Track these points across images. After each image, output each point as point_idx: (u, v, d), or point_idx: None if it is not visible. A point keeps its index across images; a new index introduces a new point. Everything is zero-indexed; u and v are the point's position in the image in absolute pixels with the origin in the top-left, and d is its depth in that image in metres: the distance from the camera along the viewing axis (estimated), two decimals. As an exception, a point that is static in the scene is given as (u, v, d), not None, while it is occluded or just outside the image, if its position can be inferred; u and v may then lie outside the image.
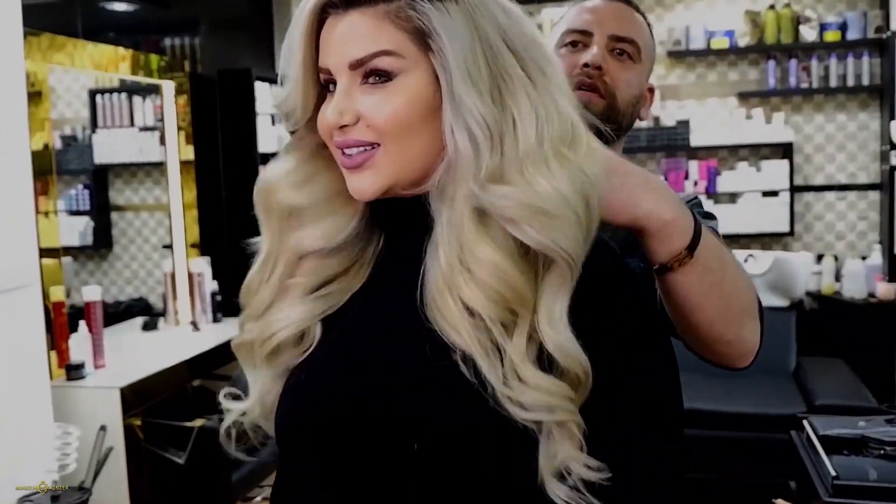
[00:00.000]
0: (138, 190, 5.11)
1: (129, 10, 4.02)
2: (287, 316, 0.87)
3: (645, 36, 1.31)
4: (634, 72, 1.28)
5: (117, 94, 4.78)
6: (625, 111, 1.28)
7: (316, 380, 0.86)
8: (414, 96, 0.79)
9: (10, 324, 2.47)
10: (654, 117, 4.87)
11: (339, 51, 0.80)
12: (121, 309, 4.72)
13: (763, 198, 4.74)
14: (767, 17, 4.68)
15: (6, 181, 2.47)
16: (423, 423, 0.78)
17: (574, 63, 1.26)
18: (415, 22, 0.78)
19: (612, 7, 1.30)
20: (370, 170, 0.80)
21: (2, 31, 2.46)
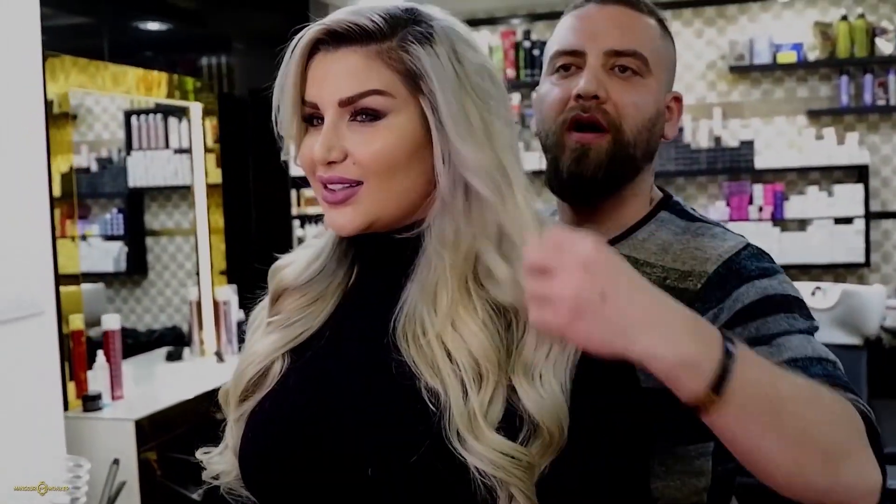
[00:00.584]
0: (173, 214, 5.28)
1: (161, 30, 4.20)
2: (254, 352, 0.94)
3: (654, 42, 1.15)
4: (644, 89, 1.13)
5: (152, 116, 4.96)
6: (637, 140, 1.13)
7: (279, 411, 0.91)
8: (402, 136, 0.84)
9: (23, 353, 2.58)
10: (716, 137, 4.86)
11: (330, 87, 0.85)
12: (153, 338, 4.85)
13: (835, 225, 4.68)
14: (839, 28, 4.64)
15: (22, 206, 2.61)
16: (379, 452, 0.83)
17: (566, 94, 1.13)
18: (407, 64, 0.84)
19: (607, 13, 1.15)
20: (352, 206, 0.85)
21: (22, 54, 2.61)
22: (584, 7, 1.17)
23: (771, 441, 0.78)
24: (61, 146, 3.05)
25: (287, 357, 0.94)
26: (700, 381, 0.73)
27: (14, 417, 2.55)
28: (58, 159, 3.03)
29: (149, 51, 4.17)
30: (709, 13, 4.92)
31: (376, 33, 0.84)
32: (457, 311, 0.84)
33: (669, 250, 1.12)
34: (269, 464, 0.90)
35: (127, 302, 5.26)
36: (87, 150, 4.99)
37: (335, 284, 0.95)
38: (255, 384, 0.94)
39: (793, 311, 1.03)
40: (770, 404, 0.77)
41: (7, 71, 2.54)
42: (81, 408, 2.96)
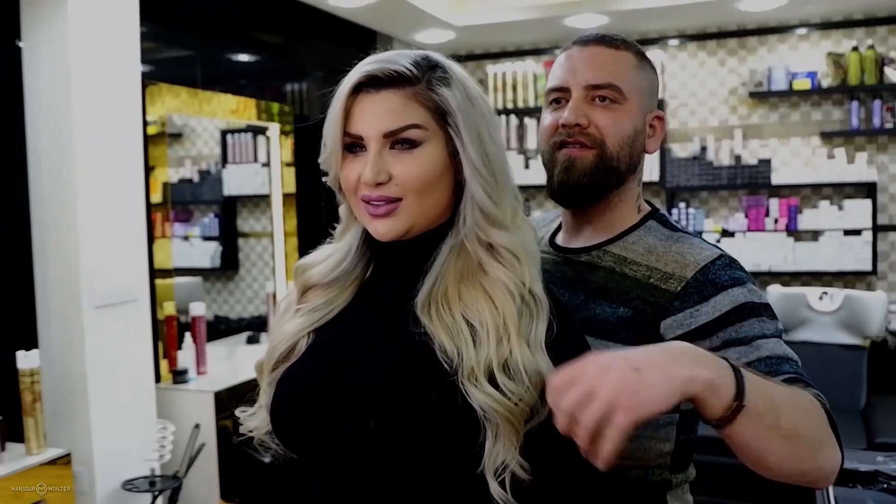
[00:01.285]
0: (260, 219, 5.46)
1: (248, 61, 4.38)
2: (285, 331, 1.04)
3: (628, 72, 1.20)
4: (621, 113, 1.18)
5: (244, 134, 5.15)
6: (619, 154, 1.19)
7: (302, 377, 1.01)
8: (434, 160, 0.94)
9: (122, 332, 2.77)
10: (736, 156, 4.83)
11: (375, 123, 0.93)
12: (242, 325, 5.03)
13: (845, 236, 4.60)
14: (850, 58, 4.57)
15: (124, 212, 2.79)
16: (386, 405, 0.92)
17: (556, 121, 1.20)
18: (436, 102, 0.94)
19: (586, 54, 1.20)
20: (393, 217, 0.94)
21: (125, 83, 2.79)
22: (570, 49, 1.23)
23: (773, 439, 0.86)
24: (159, 161, 3.21)
25: (310, 335, 1.02)
26: (727, 396, 0.81)
27: (115, 386, 2.73)
28: (156, 172, 3.19)
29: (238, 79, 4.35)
30: (731, 44, 4.89)
31: (410, 78, 0.93)
32: (468, 289, 0.94)
33: (654, 253, 1.16)
34: (294, 419, 0.98)
35: (221, 294, 5.43)
36: (190, 163, 5.19)
37: (353, 279, 1.04)
38: (284, 357, 1.02)
39: (762, 316, 1.08)
40: (772, 409, 0.85)
41: (112, 98, 2.73)
42: (171, 380, 3.11)
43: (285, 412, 0.99)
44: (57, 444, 2.46)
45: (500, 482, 0.88)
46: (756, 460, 0.88)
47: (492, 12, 4.45)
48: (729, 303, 1.07)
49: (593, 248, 1.22)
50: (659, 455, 1.16)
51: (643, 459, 1.15)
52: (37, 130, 2.64)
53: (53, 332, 2.65)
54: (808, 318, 4.10)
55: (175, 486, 2.76)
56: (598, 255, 1.20)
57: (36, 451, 2.33)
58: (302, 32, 4.25)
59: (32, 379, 2.34)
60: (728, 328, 1.06)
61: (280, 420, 1.00)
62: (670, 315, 1.10)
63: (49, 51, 2.59)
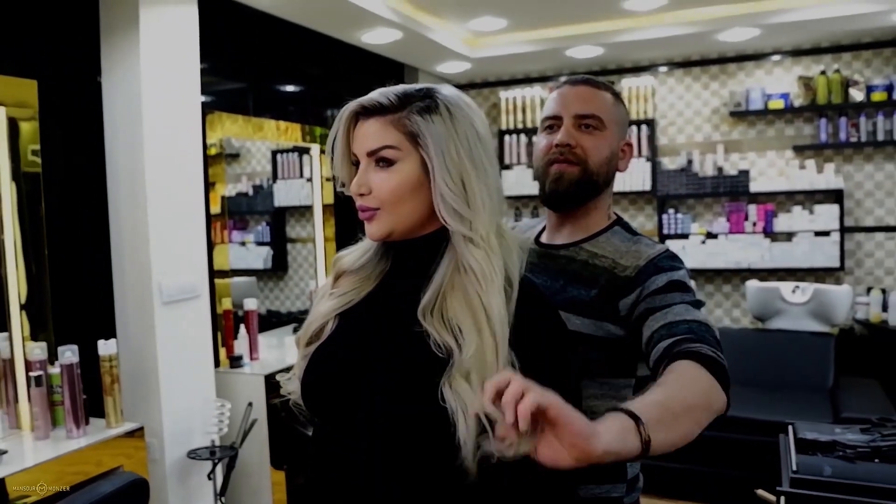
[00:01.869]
0: (305, 227, 5.52)
1: (293, 90, 4.44)
2: (318, 311, 1.08)
3: (607, 108, 1.31)
4: (601, 138, 1.30)
5: (291, 154, 5.22)
6: (598, 170, 1.30)
7: (328, 355, 1.05)
8: (406, 177, 0.98)
9: (187, 324, 2.83)
10: (718, 167, 4.81)
11: (362, 143, 1.00)
12: (291, 318, 5.09)
13: (816, 237, 4.55)
14: (819, 81, 4.53)
15: (188, 221, 2.85)
16: (393, 389, 0.95)
17: (550, 143, 1.31)
18: (409, 128, 0.98)
19: (575, 91, 1.32)
20: (374, 223, 1.00)
21: (188, 112, 2.85)
22: (562, 87, 1.35)
23: (676, 437, 0.91)
24: (219, 178, 3.26)
25: (338, 318, 1.06)
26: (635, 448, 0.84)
27: (181, 370, 2.79)
28: (216, 188, 3.24)
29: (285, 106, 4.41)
30: (713, 70, 4.87)
31: (390, 108, 0.99)
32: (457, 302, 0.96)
33: (618, 250, 1.28)
34: (318, 389, 1.03)
35: (273, 291, 5.50)
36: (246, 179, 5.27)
37: (378, 270, 1.07)
38: (317, 334, 1.06)
39: (686, 291, 1.19)
40: (671, 421, 0.90)
41: (176, 125, 2.78)
42: (229, 365, 3.16)
43: (312, 387, 1.04)
44: (132, 419, 2.51)
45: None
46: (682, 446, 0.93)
47: (502, 46, 4.48)
48: (663, 280, 1.19)
49: (572, 245, 1.33)
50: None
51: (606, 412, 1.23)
52: (114, 152, 2.70)
53: (129, 324, 2.71)
54: (782, 309, 4.08)
55: (232, 455, 2.80)
56: (575, 251, 1.31)
57: (114, 424, 2.38)
58: (340, 65, 4.30)
59: (111, 364, 2.40)
60: (657, 297, 1.17)
61: (308, 392, 1.04)
62: (625, 296, 1.21)
63: (124, 85, 2.65)
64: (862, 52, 4.52)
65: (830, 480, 1.88)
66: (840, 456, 1.98)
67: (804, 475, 1.91)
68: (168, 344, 2.71)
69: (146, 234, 2.64)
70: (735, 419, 3.33)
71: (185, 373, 2.80)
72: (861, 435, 2.11)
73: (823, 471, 1.91)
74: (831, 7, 3.82)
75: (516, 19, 4.02)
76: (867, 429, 2.18)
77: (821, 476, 1.90)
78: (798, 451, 2.06)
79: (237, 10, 3.23)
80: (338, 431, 1.00)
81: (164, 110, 2.71)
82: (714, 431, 1.00)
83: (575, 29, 4.23)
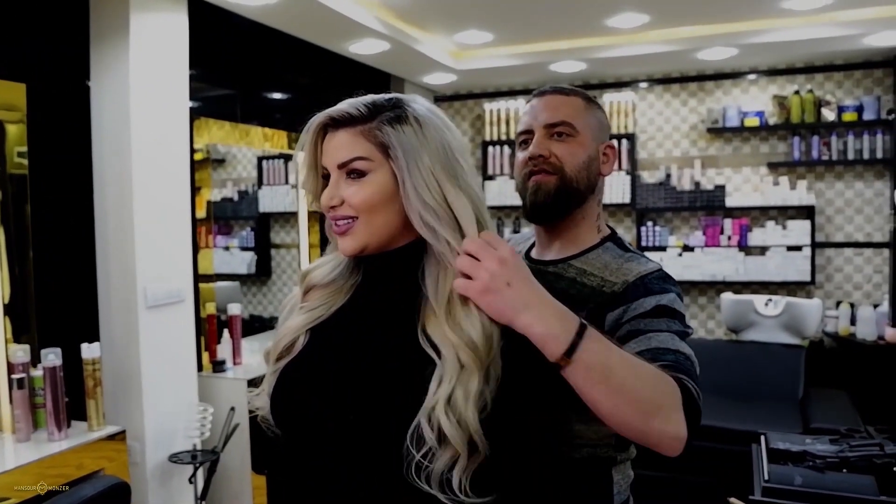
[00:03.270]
0: (290, 232, 5.49)
1: (280, 98, 4.43)
2: (288, 326, 1.04)
3: (578, 113, 1.27)
4: (575, 144, 1.25)
5: (276, 160, 5.19)
6: (576, 177, 1.25)
7: (298, 371, 1.00)
8: (378, 187, 0.93)
9: (171, 328, 2.80)
10: (696, 182, 4.86)
11: (332, 155, 0.95)
12: (274, 323, 5.03)
13: (788, 252, 4.62)
14: (793, 100, 4.60)
15: (174, 226, 2.82)
16: (361, 403, 0.92)
17: (525, 157, 1.27)
18: (379, 138, 0.93)
19: (544, 101, 1.28)
20: (350, 235, 0.95)
21: (176, 118, 2.83)
22: (532, 100, 1.31)
23: (600, 391, 0.89)
24: (204, 183, 3.24)
25: (307, 334, 1.01)
26: (559, 347, 0.87)
27: (164, 374, 2.75)
28: (201, 192, 3.21)
29: (272, 114, 4.39)
30: (692, 88, 4.94)
31: (359, 118, 0.94)
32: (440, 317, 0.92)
33: (608, 267, 1.21)
34: (289, 405, 0.98)
35: (256, 296, 5.45)
36: (231, 184, 5.23)
37: (349, 284, 1.03)
38: (287, 349, 1.01)
39: (674, 318, 1.12)
40: (603, 368, 0.89)
41: (164, 130, 2.76)
42: (211, 370, 3.13)
43: (282, 402, 0.99)
44: (114, 423, 2.47)
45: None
46: (592, 407, 0.91)
47: (488, 59, 4.50)
48: (652, 304, 1.13)
49: (560, 262, 1.26)
50: (605, 436, 1.19)
51: (592, 439, 1.18)
52: (101, 156, 2.67)
53: (113, 328, 2.67)
54: (755, 321, 4.13)
55: (213, 459, 2.77)
56: (563, 267, 1.25)
57: (96, 427, 2.35)
58: (327, 74, 4.29)
59: (94, 367, 2.37)
60: (642, 321, 1.11)
61: (277, 408, 0.99)
62: (611, 310, 1.15)
63: (113, 90, 2.63)
64: (833, 73, 4.60)
65: (801, 490, 1.91)
66: (810, 466, 2.01)
67: (776, 484, 1.94)
68: (151, 348, 2.68)
69: (132, 238, 2.62)
70: (708, 428, 3.36)
71: (168, 377, 2.77)
72: (830, 445, 2.14)
73: (794, 480, 1.94)
74: (807, 29, 3.89)
75: (502, 34, 4.05)
76: (836, 439, 2.22)
77: (791, 485, 1.93)
78: (770, 461, 2.09)
79: (227, 18, 3.22)
80: (308, 447, 0.96)
81: (153, 115, 2.69)
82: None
83: (559, 44, 4.27)
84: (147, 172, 2.66)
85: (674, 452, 0.94)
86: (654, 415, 0.91)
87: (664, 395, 0.93)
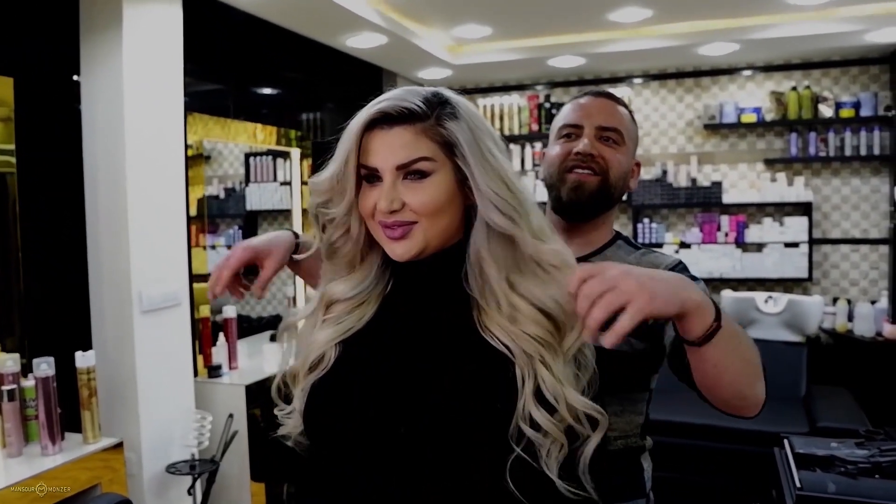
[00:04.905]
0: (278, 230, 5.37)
1: (273, 94, 4.31)
2: (316, 340, 0.97)
3: (627, 124, 1.31)
4: (621, 153, 1.29)
5: (264, 157, 5.07)
6: (616, 184, 1.29)
7: (334, 385, 0.93)
8: (442, 189, 0.89)
9: (166, 334, 2.69)
10: (692, 178, 4.83)
11: (388, 156, 0.88)
12: (262, 323, 4.95)
13: (785, 248, 4.60)
14: (790, 96, 4.58)
15: (169, 224, 2.71)
16: (411, 415, 0.86)
17: (568, 150, 1.28)
18: (444, 136, 0.88)
19: (598, 103, 1.32)
20: (409, 240, 0.90)
21: (170, 113, 2.72)
22: (583, 98, 1.34)
23: (735, 360, 0.90)
24: (196, 179, 3.14)
25: (338, 346, 0.95)
26: (709, 317, 0.84)
27: (160, 381, 2.66)
28: (194, 189, 3.11)
29: (265, 109, 4.27)
30: (688, 83, 4.89)
31: (420, 115, 0.89)
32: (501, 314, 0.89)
33: (628, 262, 1.23)
34: (325, 422, 0.92)
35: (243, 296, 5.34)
36: (217, 182, 5.11)
37: (376, 293, 0.98)
38: (315, 365, 0.95)
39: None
40: (736, 335, 0.90)
41: (158, 125, 2.66)
42: (207, 375, 3.03)
43: (319, 419, 0.93)
44: (110, 434, 2.37)
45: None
46: (715, 378, 0.91)
47: (485, 54, 4.41)
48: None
49: (581, 259, 1.26)
50: (636, 426, 1.26)
51: (625, 431, 1.24)
52: (93, 153, 2.55)
53: (107, 335, 2.56)
54: (756, 319, 4.10)
55: (212, 469, 2.68)
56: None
57: (92, 440, 2.24)
58: (317, 69, 4.19)
59: (89, 376, 2.26)
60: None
61: (313, 423, 0.93)
62: None
63: (105, 84, 2.51)
64: (831, 69, 4.58)
65: (835, 497, 1.86)
66: (841, 472, 1.96)
67: (809, 492, 1.88)
68: (147, 354, 2.58)
69: (126, 239, 2.50)
70: (717, 428, 3.32)
71: (164, 384, 2.67)
72: (858, 450, 2.09)
73: (828, 487, 1.88)
74: (809, 25, 3.85)
75: (501, 28, 3.96)
76: (862, 443, 2.17)
77: (825, 493, 1.87)
78: (799, 467, 2.03)
79: (221, 11, 3.10)
80: (356, 463, 0.90)
81: (147, 111, 2.58)
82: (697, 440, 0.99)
83: (559, 39, 4.19)
84: (142, 170, 2.55)
85: (755, 413, 1.00)
86: (759, 379, 0.96)
87: (759, 364, 0.97)
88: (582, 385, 0.87)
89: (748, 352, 0.93)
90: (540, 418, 0.83)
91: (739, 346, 0.90)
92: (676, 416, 3.32)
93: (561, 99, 5.09)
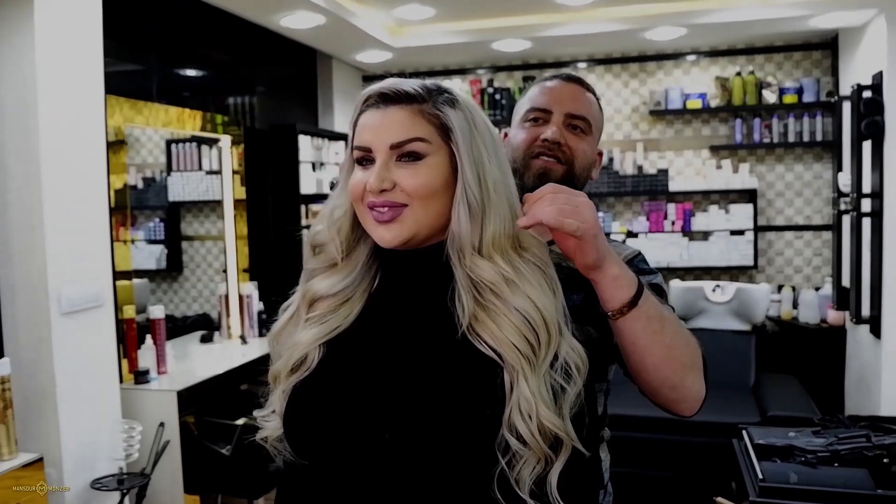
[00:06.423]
0: (204, 223, 5.21)
1: (198, 76, 4.16)
2: (297, 342, 0.95)
3: (595, 112, 1.31)
4: (587, 142, 1.29)
5: (188, 144, 4.90)
6: (580, 174, 1.29)
7: (317, 387, 0.92)
8: (437, 173, 0.89)
9: (89, 337, 2.57)
10: (638, 166, 4.92)
11: (383, 134, 0.89)
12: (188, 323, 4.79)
13: (731, 236, 4.75)
14: (735, 82, 4.72)
15: (89, 218, 2.58)
16: (397, 420, 0.85)
17: (535, 135, 1.27)
18: (441, 120, 0.89)
19: (568, 88, 1.31)
20: (398, 224, 0.89)
21: (88, 95, 2.59)
22: (552, 80, 1.32)
23: (655, 343, 0.95)
24: (116, 168, 3.02)
25: (322, 347, 0.94)
26: (630, 291, 0.93)
27: (82, 389, 2.54)
28: (114, 178, 3.00)
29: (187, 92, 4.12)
30: (633, 68, 4.98)
31: (417, 97, 0.89)
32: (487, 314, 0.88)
33: None
34: (307, 426, 0.91)
35: (166, 293, 5.17)
36: (134, 171, 4.91)
37: (361, 290, 0.97)
38: (298, 366, 0.94)
39: (663, 297, 1.18)
40: (659, 319, 0.95)
41: (76, 109, 2.53)
42: (134, 381, 2.92)
43: (298, 422, 0.91)
44: (27, 449, 2.26)
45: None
46: (639, 359, 0.96)
47: (427, 36, 4.38)
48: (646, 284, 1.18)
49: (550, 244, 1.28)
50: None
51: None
52: (1, 141, 2.41)
53: (22, 340, 2.42)
54: (704, 308, 4.21)
55: (143, 483, 2.58)
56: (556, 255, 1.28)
57: (7, 456, 2.12)
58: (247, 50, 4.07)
59: (3, 386, 2.13)
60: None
61: (293, 427, 0.92)
62: None
63: (15, 64, 2.36)
64: (774, 54, 4.75)
65: (797, 487, 1.92)
66: (801, 461, 2.03)
67: (771, 483, 1.94)
68: (67, 360, 2.46)
69: (41, 235, 2.38)
70: (672, 421, 3.39)
71: (87, 392, 2.55)
72: (816, 438, 2.17)
73: (790, 478, 1.95)
74: (757, 10, 3.97)
75: (445, 9, 3.93)
76: (818, 431, 2.25)
77: (787, 483, 1.94)
78: (759, 458, 2.10)
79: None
80: (331, 472, 0.88)
81: (62, 93, 2.45)
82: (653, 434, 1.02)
83: (504, 21, 4.19)
84: (57, 158, 2.42)
85: (692, 412, 1.03)
86: (690, 371, 0.99)
87: (696, 354, 1.01)
88: (569, 398, 0.86)
89: (675, 339, 0.97)
90: (524, 429, 0.82)
91: (663, 330, 0.95)
92: (631, 409, 3.38)
93: (504, 84, 5.11)
